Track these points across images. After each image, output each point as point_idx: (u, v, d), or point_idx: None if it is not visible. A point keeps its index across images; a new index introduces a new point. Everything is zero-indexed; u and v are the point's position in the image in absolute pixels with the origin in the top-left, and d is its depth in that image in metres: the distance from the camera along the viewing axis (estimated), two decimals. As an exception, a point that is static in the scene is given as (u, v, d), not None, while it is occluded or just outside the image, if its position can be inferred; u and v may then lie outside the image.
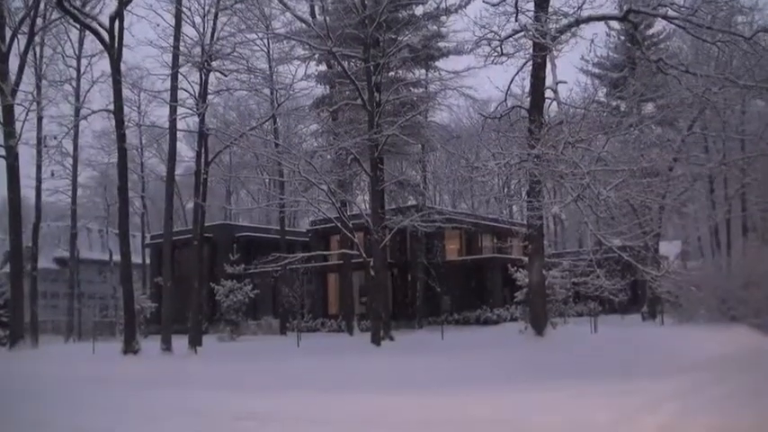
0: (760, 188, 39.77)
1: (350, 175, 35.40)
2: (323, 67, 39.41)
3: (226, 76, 33.13)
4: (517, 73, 26.36)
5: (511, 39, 24.38)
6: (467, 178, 35.79)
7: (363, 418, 11.39)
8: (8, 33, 33.82)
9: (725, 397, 11.88)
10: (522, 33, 23.97)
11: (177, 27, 30.15)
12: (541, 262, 27.90)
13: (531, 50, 24.87)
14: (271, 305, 49.16)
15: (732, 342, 20.69)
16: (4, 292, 39.16)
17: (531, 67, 25.61)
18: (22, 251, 35.11)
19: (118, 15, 28.92)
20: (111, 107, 31.34)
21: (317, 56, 36.21)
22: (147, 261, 59.58)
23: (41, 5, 35.33)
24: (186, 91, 32.36)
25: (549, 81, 24.07)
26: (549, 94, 24.53)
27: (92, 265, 64.54)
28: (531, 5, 24.71)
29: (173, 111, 31.15)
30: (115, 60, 29.35)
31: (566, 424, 10.16)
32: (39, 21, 36.30)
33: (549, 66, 23.66)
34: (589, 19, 24.53)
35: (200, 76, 32.12)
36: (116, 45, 29.17)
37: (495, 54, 24.47)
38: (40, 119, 40.08)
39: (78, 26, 38.17)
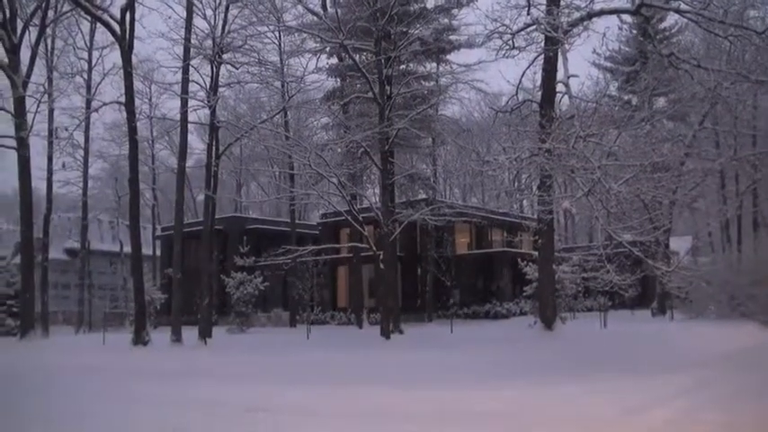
0: (771, 184, 39.53)
1: (360, 169, 35.46)
2: (334, 60, 39.43)
3: (237, 68, 33.14)
4: (528, 66, 26.45)
5: (522, 32, 24.39)
6: (477, 172, 35.81)
7: (372, 410, 11.41)
8: (19, 25, 33.96)
9: (731, 394, 11.85)
10: (534, 27, 23.93)
11: (188, 19, 30.18)
12: (551, 256, 27.92)
13: (542, 44, 24.87)
14: (281, 297, 49.30)
15: (741, 339, 20.64)
16: (15, 282, 39.45)
17: (542, 61, 25.64)
18: (33, 242, 35.31)
19: (129, 7, 29.00)
20: (123, 99, 31.51)
21: (328, 49, 36.21)
22: (158, 253, 59.88)
23: (53, -3, 35.49)
24: (197, 83, 32.46)
25: (560, 75, 24.03)
26: (560, 87, 24.51)
27: (102, 257, 64.72)
28: (542, -1, 24.69)
29: (184, 103, 31.23)
30: (126, 52, 29.46)
31: (573, 419, 10.16)
32: (50, 13, 36.52)
33: (560, 59, 23.59)
34: (601, 12, 24.44)
35: (212, 68, 32.17)
36: (127, 37, 29.27)
37: (507, 47, 24.47)
38: (51, 111, 40.31)
39: (89, 18, 38.38)
